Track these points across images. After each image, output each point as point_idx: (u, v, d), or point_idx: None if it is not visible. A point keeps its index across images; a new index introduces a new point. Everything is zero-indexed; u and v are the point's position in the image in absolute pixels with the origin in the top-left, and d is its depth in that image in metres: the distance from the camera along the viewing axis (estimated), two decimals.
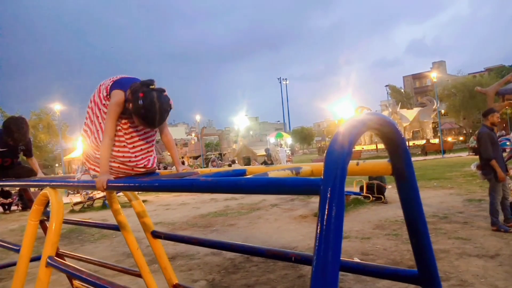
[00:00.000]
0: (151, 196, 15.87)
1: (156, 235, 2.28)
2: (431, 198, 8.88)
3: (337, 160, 0.89)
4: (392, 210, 7.87)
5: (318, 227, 0.89)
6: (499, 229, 5.54)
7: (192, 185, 1.28)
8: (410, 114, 39.73)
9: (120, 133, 2.08)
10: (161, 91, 1.97)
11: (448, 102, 44.33)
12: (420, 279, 1.25)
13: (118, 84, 2.07)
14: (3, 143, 3.27)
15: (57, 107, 26.89)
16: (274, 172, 1.21)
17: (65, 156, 29.08)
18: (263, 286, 4.23)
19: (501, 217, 5.69)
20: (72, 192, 18.00)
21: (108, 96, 2.07)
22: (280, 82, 58.32)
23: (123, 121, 2.08)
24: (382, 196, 9.15)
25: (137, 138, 2.12)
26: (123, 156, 2.09)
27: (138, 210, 2.34)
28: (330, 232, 0.86)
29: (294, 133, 63.41)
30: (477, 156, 6.00)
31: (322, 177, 0.91)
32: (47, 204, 2.20)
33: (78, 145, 29.94)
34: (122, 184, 1.84)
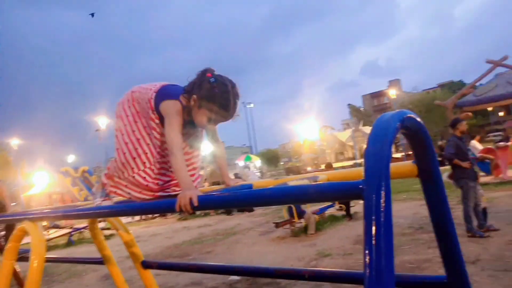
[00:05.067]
0: None
1: (147, 265, 2.12)
2: (403, 210, 9.03)
3: (379, 159, 0.83)
4: None
5: (366, 234, 0.82)
6: (474, 235, 5.68)
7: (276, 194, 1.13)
8: None
9: (153, 149, 1.84)
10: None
11: None
12: (450, 284, 1.20)
13: (164, 94, 1.79)
14: None
15: (14, 141, 25.64)
16: (293, 182, 1.14)
17: (23, 193, 27.54)
18: None
19: (474, 224, 5.84)
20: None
21: (155, 112, 1.79)
22: (245, 106, 58.81)
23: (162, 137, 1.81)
24: (344, 205, 8.97)
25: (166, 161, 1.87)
26: (144, 179, 1.85)
27: (126, 240, 2.17)
28: (380, 238, 0.80)
29: (260, 155, 63.67)
30: (442, 167, 6.22)
31: (363, 178, 0.85)
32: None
33: (35, 181, 28.57)
34: (216, 200, 1.45)
